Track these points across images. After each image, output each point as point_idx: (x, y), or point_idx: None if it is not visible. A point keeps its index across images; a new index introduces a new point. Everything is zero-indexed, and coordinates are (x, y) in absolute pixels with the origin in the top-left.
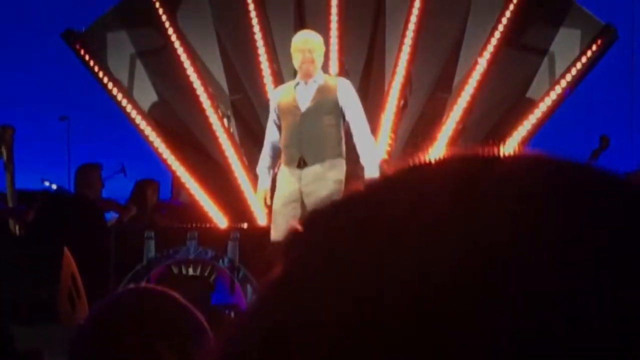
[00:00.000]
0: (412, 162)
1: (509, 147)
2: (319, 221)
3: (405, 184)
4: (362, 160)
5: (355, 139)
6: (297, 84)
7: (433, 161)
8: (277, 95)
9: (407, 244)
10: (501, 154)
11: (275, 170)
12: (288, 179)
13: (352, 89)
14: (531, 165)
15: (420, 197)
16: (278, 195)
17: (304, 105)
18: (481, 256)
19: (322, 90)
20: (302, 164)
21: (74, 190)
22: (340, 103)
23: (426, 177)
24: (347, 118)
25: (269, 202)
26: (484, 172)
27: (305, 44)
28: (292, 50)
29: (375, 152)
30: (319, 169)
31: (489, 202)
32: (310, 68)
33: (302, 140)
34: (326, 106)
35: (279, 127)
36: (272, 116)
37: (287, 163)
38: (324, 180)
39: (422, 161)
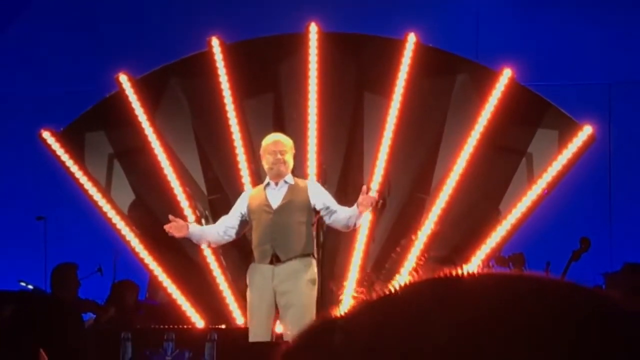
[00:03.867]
0: (378, 293)
1: (471, 266)
2: (324, 333)
3: (374, 317)
4: (351, 213)
5: (334, 218)
6: (267, 184)
7: (394, 291)
8: (247, 197)
9: None
10: (460, 276)
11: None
12: (260, 279)
13: (322, 189)
14: (488, 286)
15: (382, 330)
16: (252, 296)
17: (276, 203)
18: None
19: (293, 190)
20: (274, 260)
21: (50, 290)
22: (312, 201)
23: (388, 309)
24: (320, 207)
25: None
26: (440, 304)
27: (276, 145)
28: (262, 151)
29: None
30: (292, 266)
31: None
32: (281, 168)
33: (275, 236)
34: (298, 204)
35: (241, 223)
36: (237, 211)
37: (260, 260)
38: (298, 279)
39: (385, 294)
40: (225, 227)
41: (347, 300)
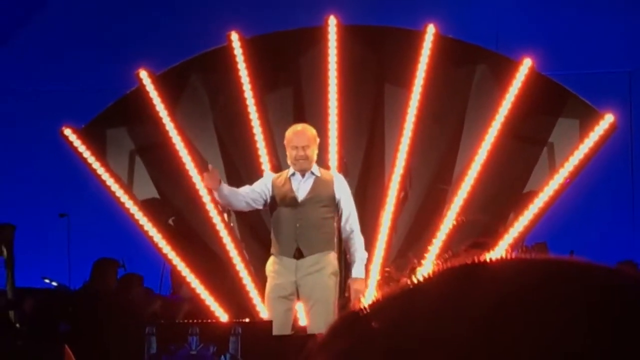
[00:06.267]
0: (406, 282)
1: (496, 251)
2: (360, 320)
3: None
4: (350, 259)
5: (345, 237)
6: (293, 174)
7: (424, 279)
8: (271, 180)
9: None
10: (484, 263)
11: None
12: (282, 271)
13: (347, 185)
14: (513, 270)
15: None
16: (271, 287)
17: (301, 196)
18: None
19: (319, 183)
20: (297, 254)
21: (88, 281)
22: (337, 195)
23: (416, 297)
24: (340, 210)
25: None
26: (466, 288)
27: (299, 141)
28: (285, 142)
29: (363, 254)
30: (316, 260)
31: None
32: (304, 164)
33: (300, 231)
34: (323, 199)
35: (262, 201)
36: (260, 188)
37: (282, 253)
38: (321, 273)
39: (414, 282)
40: (247, 197)
41: (380, 287)
